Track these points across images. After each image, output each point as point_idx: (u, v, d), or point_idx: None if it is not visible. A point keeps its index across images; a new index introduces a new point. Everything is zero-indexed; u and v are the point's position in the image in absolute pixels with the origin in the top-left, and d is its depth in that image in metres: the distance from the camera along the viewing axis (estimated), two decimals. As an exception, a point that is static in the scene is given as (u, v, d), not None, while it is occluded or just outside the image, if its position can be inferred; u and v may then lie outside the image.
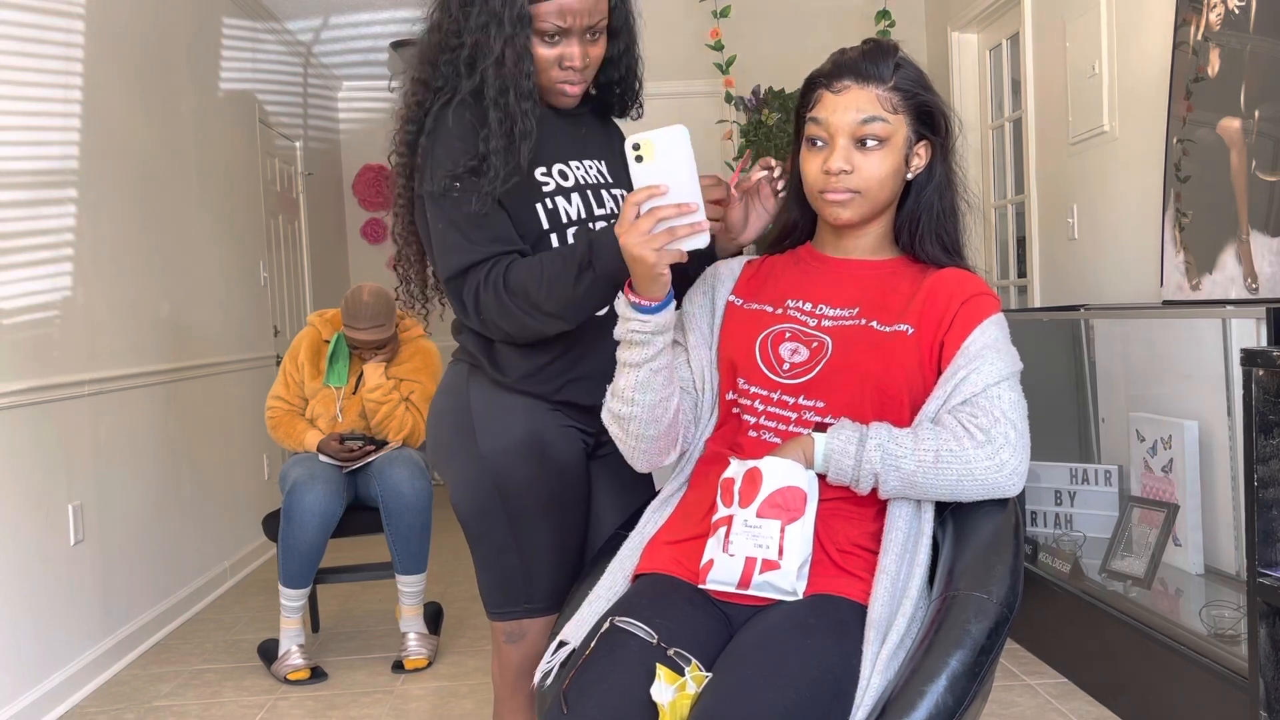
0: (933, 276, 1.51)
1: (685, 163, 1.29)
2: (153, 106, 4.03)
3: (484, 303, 1.60)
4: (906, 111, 1.47)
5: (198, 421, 4.27)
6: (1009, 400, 1.41)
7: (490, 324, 1.62)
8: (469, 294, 1.61)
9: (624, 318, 1.42)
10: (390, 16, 5.70)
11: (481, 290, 1.59)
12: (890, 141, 1.46)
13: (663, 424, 1.50)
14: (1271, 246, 2.47)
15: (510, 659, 1.78)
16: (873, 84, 1.46)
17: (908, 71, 1.48)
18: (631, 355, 1.44)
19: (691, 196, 1.31)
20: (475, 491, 1.73)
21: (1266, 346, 2.03)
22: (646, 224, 1.33)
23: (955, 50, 4.68)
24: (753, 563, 1.36)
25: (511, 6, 1.57)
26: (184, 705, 3.10)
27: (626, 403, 1.47)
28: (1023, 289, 4.27)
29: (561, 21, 1.60)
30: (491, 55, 1.58)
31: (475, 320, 1.64)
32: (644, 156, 1.30)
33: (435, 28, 1.67)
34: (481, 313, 1.61)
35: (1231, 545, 2.56)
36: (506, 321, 1.60)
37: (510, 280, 1.58)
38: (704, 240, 1.34)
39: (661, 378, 1.46)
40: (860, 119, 1.45)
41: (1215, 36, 2.71)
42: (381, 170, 7.15)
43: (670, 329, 1.43)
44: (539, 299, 1.56)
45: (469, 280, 1.60)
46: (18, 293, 3.02)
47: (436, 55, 1.66)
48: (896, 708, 1.23)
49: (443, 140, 1.62)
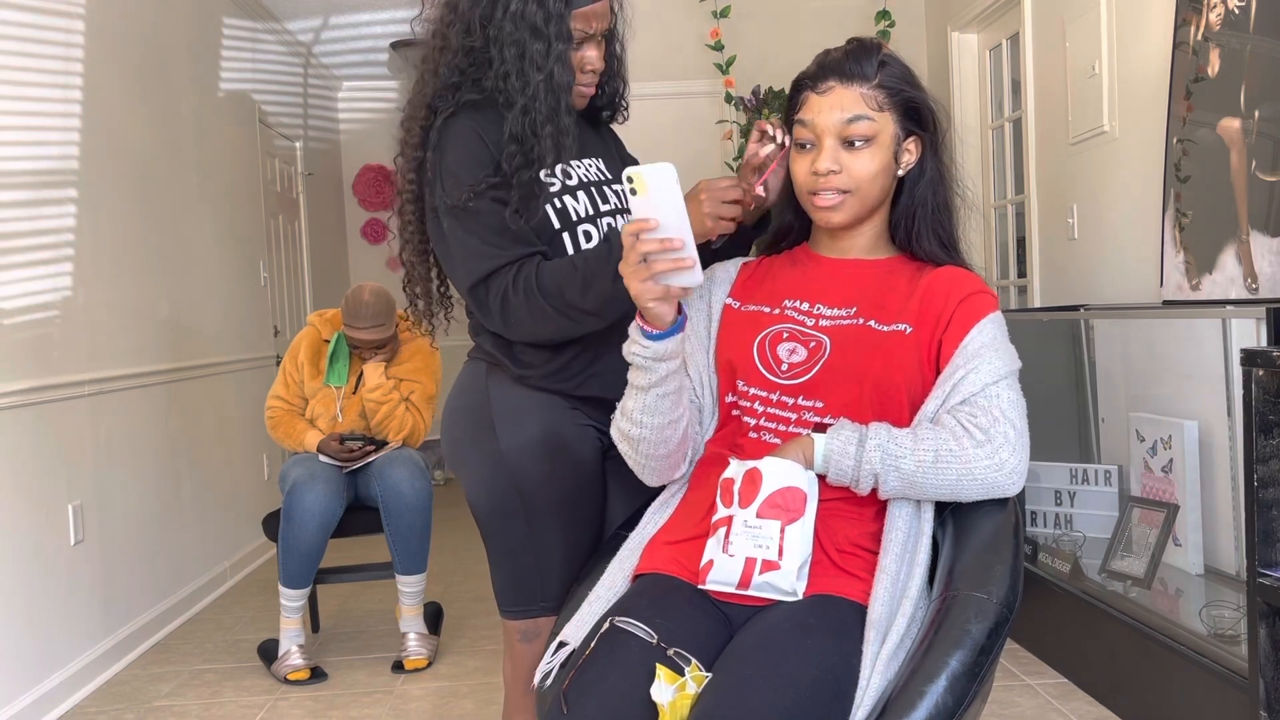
0: (930, 275, 1.51)
1: (671, 200, 1.30)
2: (153, 106, 4.03)
3: (513, 306, 1.59)
4: (893, 109, 1.47)
5: (198, 421, 4.27)
6: (1008, 399, 1.40)
7: (517, 326, 1.62)
8: (495, 299, 1.60)
9: (631, 339, 1.44)
10: (390, 16, 5.70)
11: (511, 293, 1.59)
12: (877, 140, 1.46)
13: (671, 444, 1.51)
14: (1271, 246, 2.47)
15: (524, 658, 1.78)
16: (856, 83, 1.46)
17: (892, 68, 1.48)
18: (637, 379, 1.45)
19: (677, 233, 1.32)
20: (493, 489, 1.73)
21: (1266, 346, 2.03)
22: (634, 256, 1.34)
23: (955, 50, 4.68)
24: (752, 563, 1.36)
25: (557, 22, 1.58)
26: (184, 705, 3.10)
27: (635, 424, 1.48)
28: (1022, 289, 4.27)
29: (587, 28, 1.62)
30: (543, 71, 1.58)
31: (500, 324, 1.63)
32: (637, 190, 1.31)
33: (452, 48, 1.65)
34: (509, 316, 1.61)
35: (1231, 545, 2.56)
36: (537, 322, 1.60)
37: (543, 281, 1.58)
38: (693, 279, 1.34)
39: (669, 402, 1.47)
40: (845, 118, 1.45)
41: (1215, 36, 2.71)
42: (381, 170, 7.16)
43: (675, 357, 1.43)
44: (575, 298, 1.56)
45: (494, 285, 1.60)
46: (18, 293, 3.02)
47: (453, 73, 1.65)
48: (896, 708, 1.23)
49: (454, 152, 1.62)
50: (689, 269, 1.33)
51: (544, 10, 1.58)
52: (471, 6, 1.63)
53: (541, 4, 1.58)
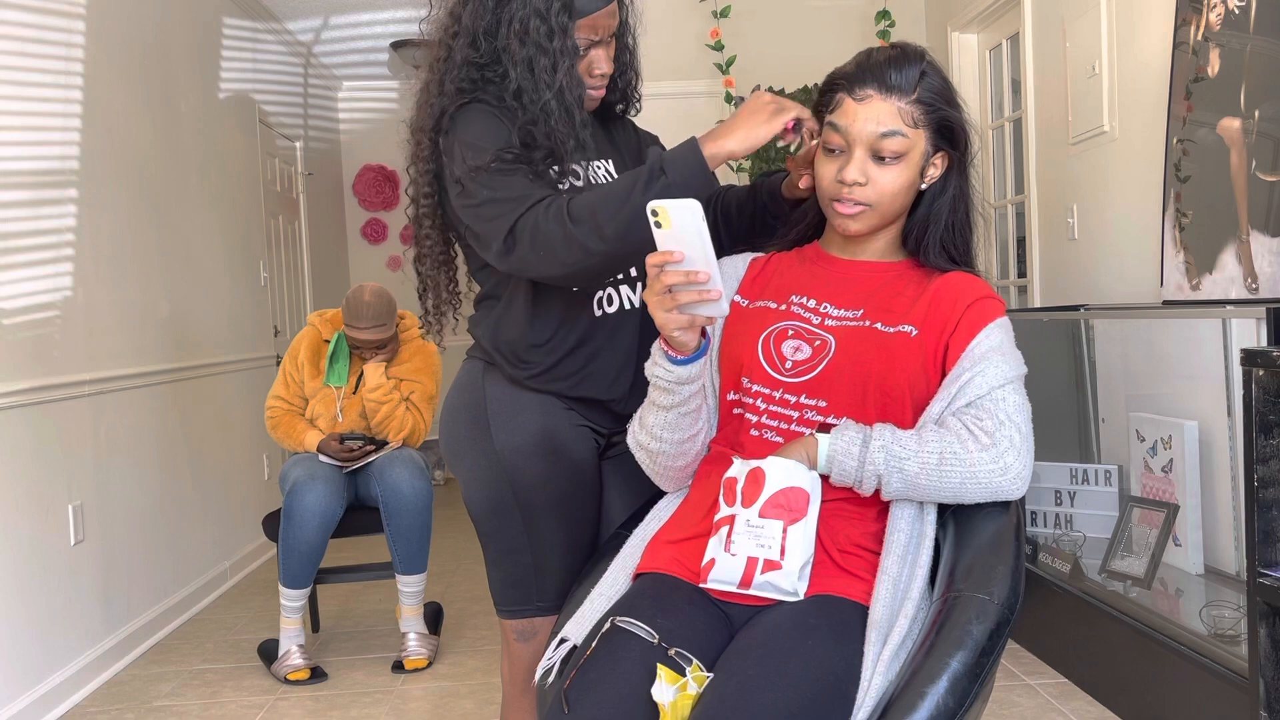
0: (938, 280, 1.51)
1: (696, 234, 1.30)
2: (153, 106, 4.03)
3: (545, 233, 1.51)
4: (927, 126, 1.46)
5: (198, 421, 4.27)
6: (1013, 403, 1.40)
7: (545, 258, 1.53)
8: (525, 231, 1.53)
9: (654, 360, 1.44)
10: (390, 16, 5.70)
11: (542, 220, 1.51)
12: (908, 157, 1.46)
13: (690, 455, 1.53)
14: (1271, 246, 2.47)
15: (520, 657, 1.78)
16: (895, 96, 1.44)
17: (932, 82, 1.46)
18: (659, 398, 1.46)
19: (702, 265, 1.32)
20: (488, 488, 1.73)
21: (1266, 346, 2.03)
22: (658, 286, 1.34)
23: (955, 50, 4.68)
24: (754, 562, 1.36)
25: (561, 36, 1.56)
26: (184, 705, 3.10)
27: (655, 439, 1.50)
28: (1023, 289, 4.27)
29: (593, 35, 1.62)
30: (552, 88, 1.57)
31: (532, 259, 1.54)
32: (661, 223, 1.31)
33: (456, 62, 1.64)
34: (539, 244, 1.52)
35: (1231, 545, 2.56)
36: (565, 250, 1.51)
37: (574, 205, 1.51)
38: (719, 310, 1.34)
39: (689, 419, 1.48)
40: (880, 132, 1.44)
41: (1215, 36, 2.71)
42: (381, 170, 7.16)
43: (698, 380, 1.43)
44: (604, 218, 1.48)
45: (529, 217, 1.53)
46: (18, 293, 3.02)
47: (460, 83, 1.63)
48: (898, 709, 1.23)
49: (472, 128, 1.60)
50: (715, 301, 1.34)
51: (547, 25, 1.56)
52: (475, 19, 1.61)
53: (544, 18, 1.56)
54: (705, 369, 1.45)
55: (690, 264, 1.32)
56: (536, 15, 1.56)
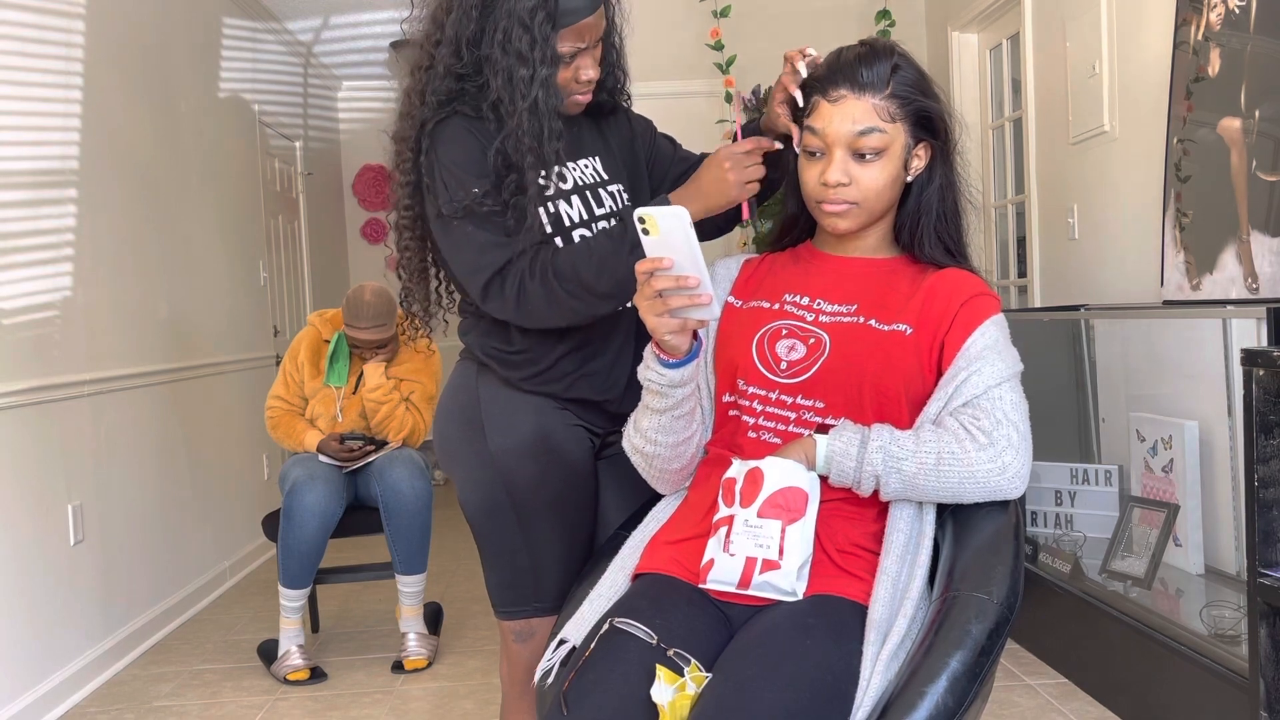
0: (933, 276, 1.50)
1: (684, 240, 1.31)
2: (153, 106, 4.03)
3: (530, 293, 1.59)
4: (904, 119, 1.46)
5: (198, 421, 4.27)
6: (1010, 402, 1.40)
7: (534, 314, 1.61)
8: (511, 288, 1.59)
9: (646, 364, 1.44)
10: (390, 16, 5.70)
11: (527, 280, 1.58)
12: (888, 151, 1.46)
13: (685, 458, 1.54)
14: (1271, 246, 2.47)
15: (519, 658, 1.78)
16: (868, 93, 1.44)
17: (905, 75, 1.46)
18: (653, 402, 1.46)
19: (691, 270, 1.33)
20: (483, 490, 1.73)
21: (1266, 346, 2.03)
22: (648, 291, 1.35)
23: (955, 50, 4.68)
24: (753, 563, 1.36)
25: (542, 46, 1.56)
26: (184, 705, 3.10)
27: (649, 442, 1.50)
28: (1023, 289, 4.27)
29: (579, 42, 1.61)
30: (527, 99, 1.57)
31: (515, 313, 1.62)
32: (649, 230, 1.32)
33: (439, 72, 1.64)
34: (526, 304, 1.60)
35: (1231, 545, 2.56)
36: (553, 309, 1.59)
37: (559, 265, 1.57)
38: (710, 313, 1.35)
39: (683, 422, 1.48)
40: (857, 130, 1.44)
41: (1215, 36, 2.71)
42: (381, 170, 7.15)
43: (691, 382, 1.44)
44: (591, 280, 1.56)
45: (510, 273, 1.59)
46: (18, 293, 3.02)
47: (440, 95, 1.64)
48: (897, 708, 1.22)
49: (450, 152, 1.61)
50: (705, 304, 1.34)
51: (529, 35, 1.56)
52: (459, 27, 1.61)
53: (527, 29, 1.56)
54: (698, 371, 1.46)
55: (679, 269, 1.33)
56: (520, 24, 1.56)
